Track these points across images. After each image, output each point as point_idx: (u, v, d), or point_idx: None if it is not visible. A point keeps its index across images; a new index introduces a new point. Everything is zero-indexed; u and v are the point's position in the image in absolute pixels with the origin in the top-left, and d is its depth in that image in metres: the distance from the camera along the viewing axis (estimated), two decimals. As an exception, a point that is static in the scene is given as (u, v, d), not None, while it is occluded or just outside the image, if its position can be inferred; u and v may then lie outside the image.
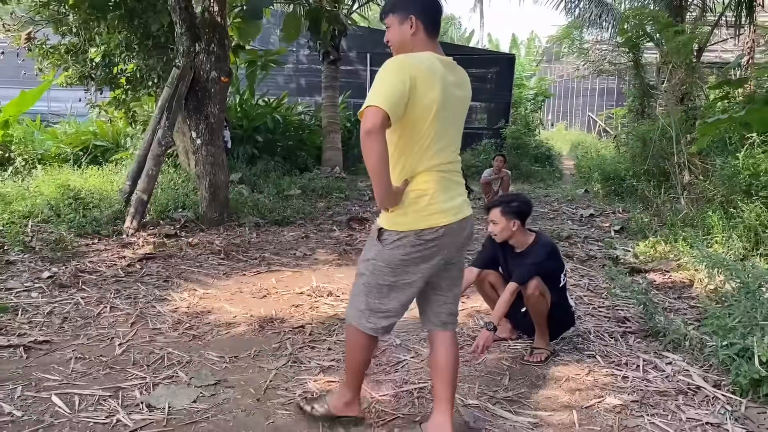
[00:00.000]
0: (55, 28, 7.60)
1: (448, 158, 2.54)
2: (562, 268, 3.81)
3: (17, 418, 2.85)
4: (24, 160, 9.18)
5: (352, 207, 8.46)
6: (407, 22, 2.51)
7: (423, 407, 3.06)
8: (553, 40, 22.68)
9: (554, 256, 3.73)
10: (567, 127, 27.28)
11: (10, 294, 4.50)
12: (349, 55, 13.44)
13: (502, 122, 14.15)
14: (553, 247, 3.77)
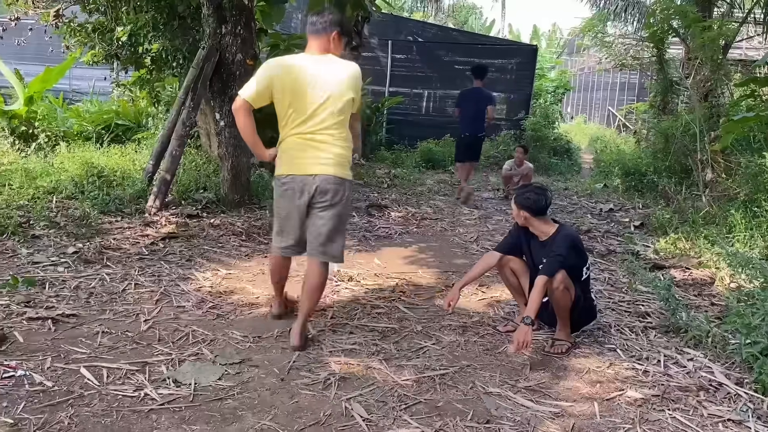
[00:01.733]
0: (82, 6, 7.64)
1: (309, 129, 3.44)
2: (585, 261, 3.83)
3: (48, 388, 2.92)
4: (47, 137, 9.24)
5: (371, 193, 8.48)
6: None
7: (445, 393, 3.09)
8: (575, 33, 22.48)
9: (576, 249, 3.73)
10: (586, 120, 27.07)
11: (37, 267, 4.57)
12: (371, 41, 13.41)
13: (522, 114, 14.08)
14: (575, 239, 3.78)
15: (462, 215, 7.52)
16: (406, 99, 13.57)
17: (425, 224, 6.99)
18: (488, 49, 14.43)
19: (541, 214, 3.75)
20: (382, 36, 13.64)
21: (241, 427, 2.68)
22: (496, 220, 7.33)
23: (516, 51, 14.73)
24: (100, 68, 9.22)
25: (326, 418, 2.78)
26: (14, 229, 5.20)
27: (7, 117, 9.16)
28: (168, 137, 6.71)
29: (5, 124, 9.12)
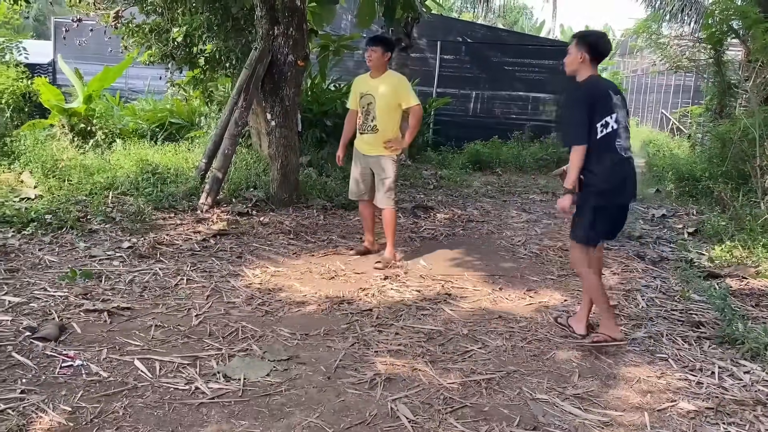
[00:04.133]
0: (140, 8, 7.88)
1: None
2: (597, 116, 3.53)
3: (104, 378, 3.02)
4: (104, 134, 9.55)
5: (417, 194, 8.47)
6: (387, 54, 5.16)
7: (491, 397, 3.07)
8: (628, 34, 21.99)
9: (583, 101, 3.61)
10: (638, 123, 26.45)
11: (94, 261, 4.74)
12: (419, 42, 13.40)
13: (572, 116, 13.86)
14: (587, 92, 3.63)
15: (509, 218, 7.44)
16: (453, 100, 13.50)
17: (471, 226, 6.95)
18: (538, 50, 14.21)
19: (596, 61, 3.68)
20: (430, 37, 13.61)
21: (288, 423, 2.72)
22: (545, 224, 7.22)
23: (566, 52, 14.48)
24: (155, 68, 9.47)
25: (372, 418, 2.80)
26: (73, 223, 5.39)
27: (68, 114, 9.50)
28: (220, 136, 6.85)
29: (65, 121, 9.46)
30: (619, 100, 3.66)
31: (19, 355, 3.15)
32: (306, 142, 9.75)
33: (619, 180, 3.65)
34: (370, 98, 5.13)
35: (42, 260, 4.61)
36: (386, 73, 5.16)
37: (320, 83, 10.79)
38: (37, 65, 13.13)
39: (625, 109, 3.72)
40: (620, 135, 3.62)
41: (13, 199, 5.83)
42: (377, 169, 5.22)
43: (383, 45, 5.13)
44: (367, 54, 5.14)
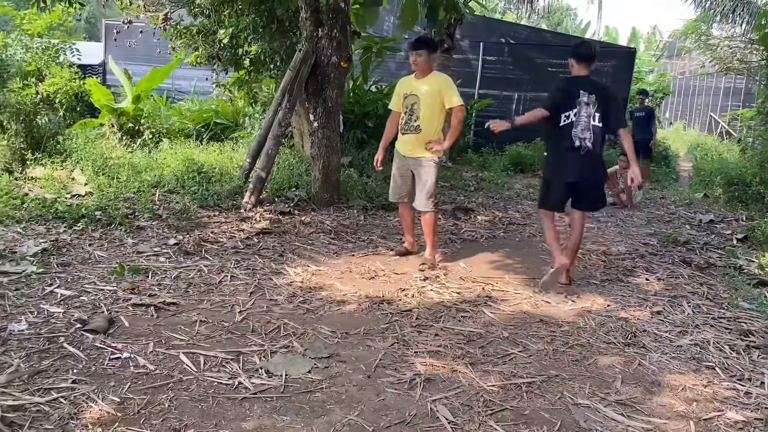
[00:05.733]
0: (188, 10, 8.06)
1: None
2: (560, 106, 4.63)
3: (150, 371, 3.10)
4: (151, 133, 9.80)
5: (458, 196, 8.44)
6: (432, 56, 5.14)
7: (532, 401, 3.05)
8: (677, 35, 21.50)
9: (553, 89, 4.90)
10: (685, 126, 25.81)
11: (141, 257, 4.86)
12: (462, 43, 13.35)
13: (618, 118, 13.64)
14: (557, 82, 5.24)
15: (551, 221, 7.35)
16: (495, 101, 13.42)
17: (512, 229, 6.90)
18: (583, 52, 14.02)
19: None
20: (473, 38, 13.56)
21: (329, 420, 2.75)
22: (587, 227, 7.11)
23: (612, 53, 14.24)
24: (201, 69, 9.67)
25: (412, 418, 2.81)
26: (121, 220, 5.54)
27: (117, 114, 9.79)
28: (264, 136, 6.96)
29: (114, 120, 9.75)
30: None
31: (70, 346, 3.25)
32: (347, 142, 9.82)
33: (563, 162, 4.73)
34: (414, 99, 5.11)
35: (92, 255, 4.75)
36: (431, 74, 5.13)
37: (362, 84, 10.85)
38: (88, 66, 13.53)
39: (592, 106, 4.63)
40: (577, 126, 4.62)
41: (65, 195, 6.03)
42: (417, 172, 5.19)
43: (428, 48, 5.10)
44: (411, 58, 5.11)
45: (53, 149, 7.08)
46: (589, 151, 4.60)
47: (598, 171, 4.82)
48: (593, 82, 4.71)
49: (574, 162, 4.62)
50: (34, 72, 7.29)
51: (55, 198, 5.81)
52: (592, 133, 4.59)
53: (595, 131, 4.60)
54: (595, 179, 4.80)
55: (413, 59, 5.10)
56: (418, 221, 5.56)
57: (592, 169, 4.70)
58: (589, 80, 4.70)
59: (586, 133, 4.58)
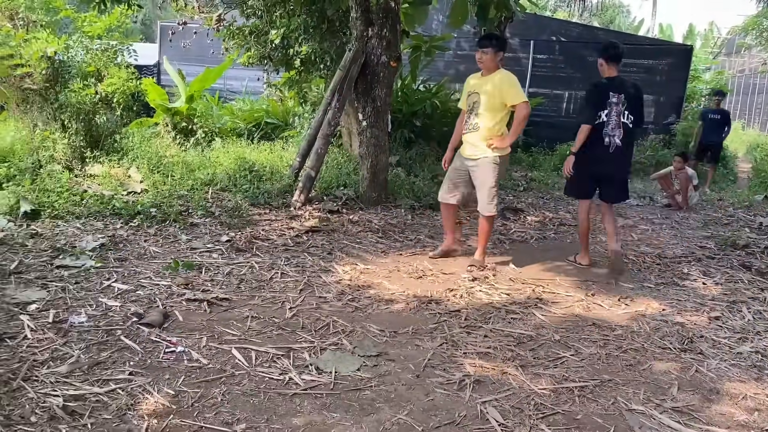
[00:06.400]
0: (241, 11, 8.20)
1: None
2: (595, 106, 5.04)
3: (204, 365, 3.16)
4: (204, 133, 10.01)
5: (507, 196, 8.35)
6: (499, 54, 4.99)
7: (584, 406, 2.98)
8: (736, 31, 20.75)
9: (587, 97, 5.29)
10: (744, 126, 24.90)
11: (195, 253, 4.97)
12: (512, 41, 13.19)
13: (673, 117, 13.23)
14: (588, 88, 5.33)
15: (603, 223, 7.20)
16: (546, 100, 13.22)
17: (563, 230, 6.78)
18: (637, 49, 13.65)
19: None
20: (524, 36, 13.39)
21: (378, 418, 2.75)
22: (642, 230, 6.95)
23: (667, 51, 13.85)
24: (252, 69, 9.83)
25: (461, 419, 2.79)
26: (176, 217, 5.68)
27: (171, 113, 10.03)
28: (314, 136, 7.02)
29: (169, 120, 9.99)
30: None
31: (127, 339, 3.35)
32: (395, 142, 9.84)
33: None
34: (476, 96, 5.03)
35: (147, 251, 4.88)
36: (496, 72, 4.98)
37: (410, 84, 10.84)
38: (144, 67, 13.91)
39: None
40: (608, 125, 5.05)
41: (121, 192, 6.21)
42: (475, 175, 5.07)
43: (495, 45, 4.95)
44: (477, 56, 4.99)
45: (111, 147, 7.29)
46: (618, 148, 5.05)
47: (624, 166, 5.27)
48: (622, 81, 5.14)
49: (602, 158, 5.07)
50: (93, 72, 7.53)
51: (113, 195, 5.99)
52: (622, 131, 5.05)
53: (625, 128, 5.06)
54: (620, 174, 5.24)
55: (479, 57, 4.98)
56: (466, 222, 5.52)
57: (618, 165, 5.15)
58: (618, 80, 5.12)
59: (616, 131, 5.04)
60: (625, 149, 5.10)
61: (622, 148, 5.06)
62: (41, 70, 6.78)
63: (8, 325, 3.38)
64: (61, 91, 7.09)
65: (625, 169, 5.31)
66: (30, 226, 5.12)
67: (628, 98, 5.04)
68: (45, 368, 2.96)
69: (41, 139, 6.68)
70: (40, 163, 6.40)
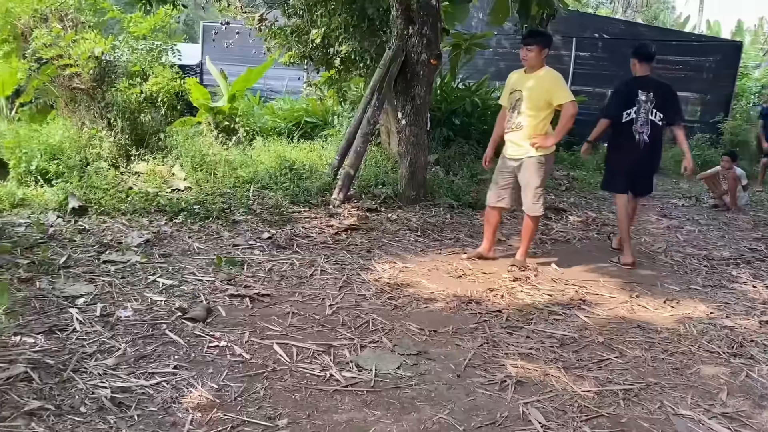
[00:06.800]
0: (282, 10, 8.27)
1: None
2: (621, 105, 5.33)
3: (246, 359, 3.20)
4: (245, 132, 10.12)
5: (548, 196, 8.23)
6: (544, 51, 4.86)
7: (629, 409, 2.92)
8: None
9: (613, 94, 5.65)
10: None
11: (237, 249, 5.03)
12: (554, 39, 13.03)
13: (721, 116, 12.87)
14: (617, 85, 5.74)
15: (648, 223, 7.05)
16: (588, 98, 12.98)
17: (607, 230, 6.65)
18: (682, 46, 13.35)
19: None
20: (566, 33, 13.20)
21: (419, 417, 2.74)
22: (688, 231, 6.78)
23: (715, 48, 13.48)
24: (293, 69, 9.89)
25: (503, 420, 2.76)
26: (218, 214, 5.76)
27: (213, 113, 10.18)
28: (353, 134, 7.05)
29: (211, 119, 10.14)
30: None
31: (172, 333, 3.41)
32: (434, 140, 9.80)
33: None
34: (518, 94, 4.92)
35: (191, 247, 4.96)
36: (540, 70, 4.87)
37: (449, 82, 10.79)
38: (186, 67, 14.16)
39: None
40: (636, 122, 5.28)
41: (166, 189, 6.33)
42: (522, 175, 4.97)
43: (541, 43, 4.84)
44: (522, 53, 4.88)
45: (155, 146, 7.43)
46: (646, 144, 5.29)
47: (653, 162, 5.49)
48: (652, 80, 5.35)
49: (633, 153, 5.34)
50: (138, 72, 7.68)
51: (157, 192, 6.11)
52: (650, 127, 5.26)
53: (654, 125, 5.26)
54: (649, 169, 5.49)
55: (523, 54, 4.87)
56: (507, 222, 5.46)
57: (647, 160, 5.40)
58: (648, 79, 5.33)
59: (644, 128, 5.26)
60: (653, 146, 5.32)
61: (650, 144, 5.29)
62: (89, 69, 6.93)
63: (58, 318, 3.47)
64: (108, 90, 7.25)
65: (654, 164, 5.52)
66: (78, 222, 5.25)
67: (657, 97, 5.24)
68: (93, 360, 3.04)
69: (88, 138, 6.85)
70: (87, 160, 6.56)
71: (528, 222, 5.07)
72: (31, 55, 7.03)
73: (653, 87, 5.28)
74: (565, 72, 13.24)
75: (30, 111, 8.53)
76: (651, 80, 5.35)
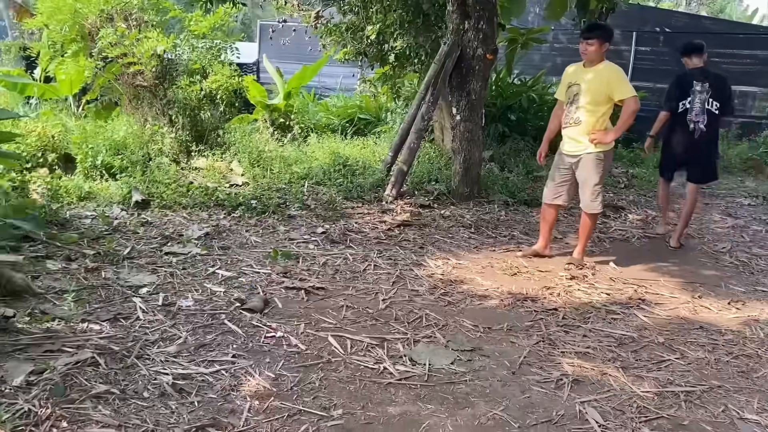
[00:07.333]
0: (338, 7, 8.33)
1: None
2: (677, 97, 5.58)
3: (302, 350, 3.25)
4: (300, 128, 10.25)
5: (607, 193, 8.03)
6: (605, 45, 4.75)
7: (691, 411, 2.84)
8: None
9: (669, 86, 5.77)
10: None
11: (292, 243, 5.11)
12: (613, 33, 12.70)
13: (790, 112, 12.32)
14: (674, 78, 5.81)
15: (712, 222, 6.81)
16: (648, 94, 12.62)
17: (668, 229, 6.45)
18: (749, 39, 12.81)
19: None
20: (625, 27, 12.84)
21: (473, 413, 2.73)
22: (754, 230, 6.50)
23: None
24: (346, 66, 9.95)
25: (559, 418, 2.72)
26: (275, 209, 5.86)
27: (269, 110, 10.34)
28: (407, 130, 7.04)
29: (267, 116, 10.30)
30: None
31: (230, 323, 3.49)
32: (488, 136, 9.70)
33: None
34: (577, 88, 4.80)
35: (248, 240, 5.07)
36: (601, 64, 4.75)
37: (505, 77, 10.66)
38: (244, 65, 14.43)
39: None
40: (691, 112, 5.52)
41: (224, 185, 6.47)
42: (580, 172, 4.87)
43: (601, 36, 4.72)
44: (581, 47, 4.77)
45: (214, 142, 7.61)
46: (702, 133, 5.51)
47: (710, 150, 5.69)
48: (706, 71, 5.57)
49: (688, 142, 5.57)
50: (198, 70, 7.87)
51: (216, 187, 6.26)
52: (706, 116, 5.48)
53: (710, 115, 5.49)
54: (706, 157, 5.68)
55: (583, 48, 4.75)
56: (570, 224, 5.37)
57: (703, 148, 5.61)
58: (702, 71, 5.57)
59: (700, 117, 5.48)
60: (709, 134, 5.55)
61: (707, 132, 5.52)
62: (151, 67, 7.16)
63: (123, 306, 3.61)
64: (169, 87, 7.46)
65: (711, 152, 5.73)
66: (141, 215, 5.43)
67: (712, 87, 5.47)
68: (155, 347, 3.14)
69: (151, 134, 7.07)
70: (149, 155, 6.77)
71: (585, 220, 4.97)
72: (98, 53, 7.29)
73: (709, 78, 5.51)
74: (625, 67, 12.88)
75: (96, 108, 8.84)
76: (706, 71, 5.57)
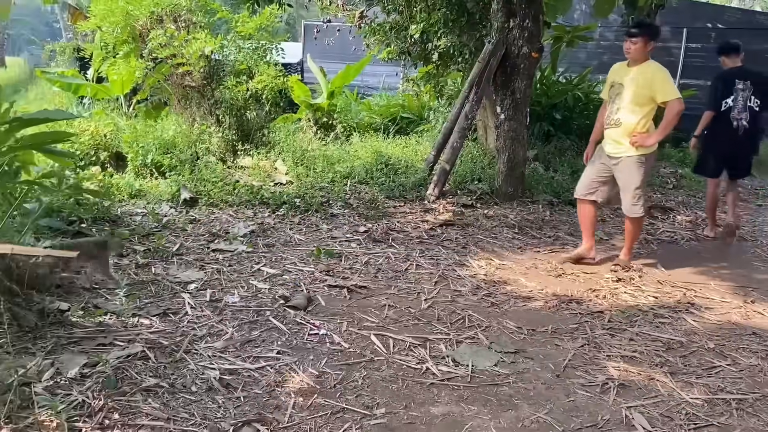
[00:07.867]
0: (382, 7, 8.35)
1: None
2: (721, 96, 5.72)
3: (345, 348, 3.28)
4: (343, 128, 10.31)
5: (654, 194, 7.86)
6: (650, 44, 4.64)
7: (743, 419, 2.76)
8: None
9: (712, 86, 5.90)
10: None
11: (335, 242, 5.15)
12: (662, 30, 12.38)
13: None
14: (715, 79, 5.93)
15: (766, 225, 6.59)
16: (698, 92, 12.27)
17: (717, 231, 6.27)
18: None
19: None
20: (675, 24, 12.53)
21: (517, 415, 2.71)
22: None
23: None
24: (389, 65, 9.97)
25: (604, 423, 2.68)
26: (318, 207, 5.92)
27: (313, 109, 10.44)
28: (450, 129, 7.02)
29: (311, 115, 10.40)
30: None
31: (275, 320, 3.55)
32: (533, 135, 9.59)
33: None
34: (619, 88, 4.70)
35: (292, 238, 5.13)
36: (644, 63, 4.63)
37: (550, 75, 10.52)
38: (288, 65, 14.59)
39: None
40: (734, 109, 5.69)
41: (269, 183, 6.57)
42: (620, 174, 4.76)
43: (646, 34, 4.59)
44: (625, 46, 4.66)
45: (259, 141, 7.73)
46: (745, 130, 5.69)
47: (753, 145, 5.93)
48: (747, 70, 5.82)
49: (731, 139, 5.75)
50: (245, 70, 8.00)
51: (261, 185, 6.35)
52: (749, 113, 5.66)
53: (752, 112, 5.67)
54: (748, 152, 5.91)
55: (627, 47, 4.65)
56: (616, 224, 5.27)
57: (747, 144, 5.83)
58: (743, 69, 5.81)
59: (742, 114, 5.66)
60: (752, 131, 5.73)
61: (750, 129, 5.70)
62: (199, 68, 7.30)
63: (172, 302, 3.70)
64: (217, 87, 7.61)
65: (753, 147, 5.96)
66: (189, 213, 5.56)
67: (755, 84, 5.67)
68: (203, 343, 3.21)
69: (198, 133, 7.22)
70: (197, 154, 6.92)
71: (629, 223, 4.88)
72: (148, 54, 7.48)
73: (750, 76, 5.74)
74: (674, 65, 12.57)
75: (146, 108, 9.07)
76: (746, 70, 5.82)
